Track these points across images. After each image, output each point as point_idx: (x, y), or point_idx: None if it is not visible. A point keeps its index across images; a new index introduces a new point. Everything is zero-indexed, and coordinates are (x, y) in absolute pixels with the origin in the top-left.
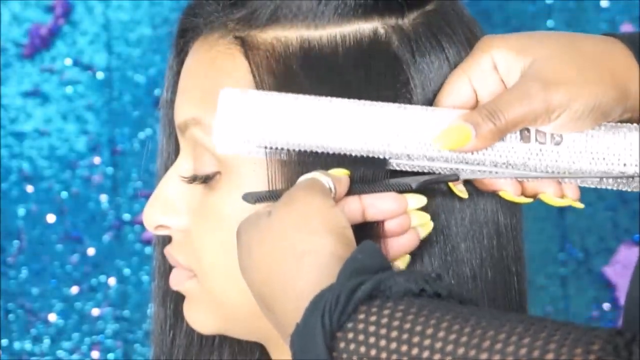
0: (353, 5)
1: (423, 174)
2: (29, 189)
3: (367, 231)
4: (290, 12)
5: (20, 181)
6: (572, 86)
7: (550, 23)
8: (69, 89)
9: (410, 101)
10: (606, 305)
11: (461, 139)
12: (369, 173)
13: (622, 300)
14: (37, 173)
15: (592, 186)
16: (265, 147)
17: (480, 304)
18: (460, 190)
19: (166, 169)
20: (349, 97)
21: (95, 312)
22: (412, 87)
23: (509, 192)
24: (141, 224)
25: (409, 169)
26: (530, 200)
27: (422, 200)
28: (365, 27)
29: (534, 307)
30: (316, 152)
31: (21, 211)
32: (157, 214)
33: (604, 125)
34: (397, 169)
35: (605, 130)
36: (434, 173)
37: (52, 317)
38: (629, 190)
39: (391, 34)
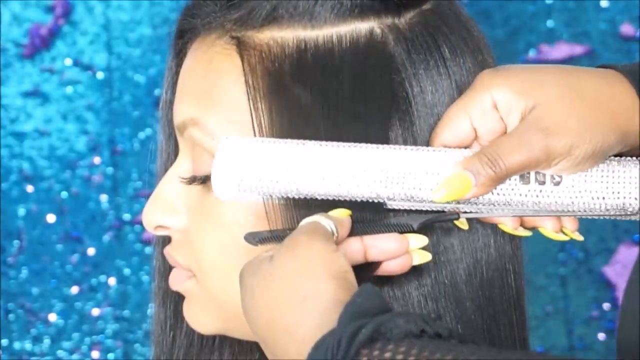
0: (349, 5)
1: (422, 212)
2: (29, 189)
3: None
4: (287, 12)
5: (20, 181)
6: (573, 135)
7: (550, 23)
8: (69, 89)
9: (406, 100)
10: (606, 305)
11: (462, 189)
12: (369, 213)
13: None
14: (37, 173)
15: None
16: (264, 195)
17: (479, 305)
18: (461, 222)
19: (166, 169)
20: (346, 98)
21: (95, 312)
22: (408, 86)
23: (508, 225)
24: (141, 224)
25: (408, 208)
26: (529, 233)
27: (423, 240)
28: (361, 27)
29: (534, 307)
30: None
31: (21, 211)
32: (156, 215)
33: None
34: (397, 208)
35: (604, 168)
36: (433, 211)
37: (52, 317)
38: (625, 219)
39: (387, 34)
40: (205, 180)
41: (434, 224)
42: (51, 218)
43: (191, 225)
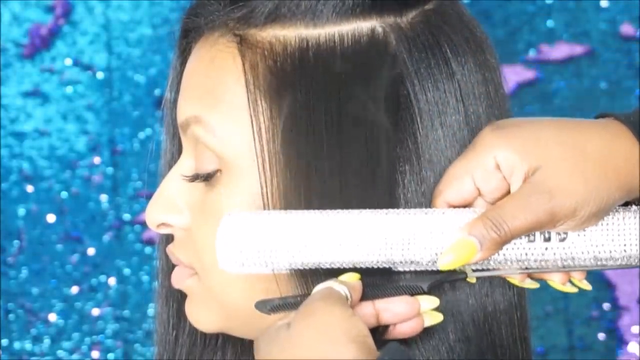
0: (351, 4)
1: (431, 271)
2: (29, 189)
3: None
4: (289, 11)
5: (20, 181)
6: (578, 197)
7: (550, 23)
8: (69, 89)
9: (407, 98)
10: (606, 305)
11: (468, 255)
12: (379, 276)
13: (622, 300)
14: (37, 173)
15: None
16: (269, 267)
17: (477, 303)
18: (469, 278)
19: (169, 168)
20: (348, 97)
21: (95, 312)
22: (410, 85)
23: (515, 278)
24: (141, 223)
25: (415, 269)
26: (536, 285)
27: (434, 301)
28: (363, 25)
29: (534, 307)
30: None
31: (21, 211)
32: (159, 213)
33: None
34: (403, 270)
35: (609, 221)
36: (441, 271)
37: (52, 317)
38: (634, 268)
39: (389, 33)
40: (207, 177)
41: (443, 284)
42: (51, 218)
43: (193, 223)
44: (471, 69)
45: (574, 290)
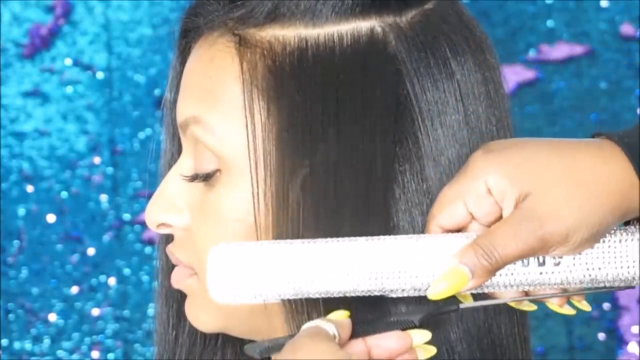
0: (351, 4)
1: (424, 299)
2: (29, 189)
3: None
4: (289, 10)
5: (20, 181)
6: (569, 223)
7: (550, 23)
8: (69, 89)
9: (406, 99)
10: (606, 305)
11: (459, 284)
12: (369, 309)
13: (622, 300)
14: (37, 173)
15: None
16: (259, 299)
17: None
18: (463, 295)
19: (169, 168)
20: (347, 97)
21: (95, 312)
22: (409, 85)
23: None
24: (141, 223)
25: (406, 295)
26: (534, 307)
27: (426, 335)
28: (362, 25)
29: None
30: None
31: (21, 211)
32: (159, 213)
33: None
34: (394, 296)
35: (603, 245)
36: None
37: (52, 317)
38: (633, 288)
39: (388, 32)
40: (206, 177)
41: (435, 317)
42: (51, 218)
43: (193, 223)
44: (471, 68)
45: (573, 312)
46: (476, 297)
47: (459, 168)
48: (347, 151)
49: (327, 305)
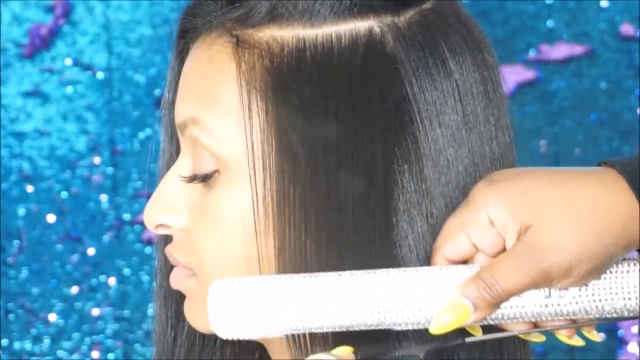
0: (349, 4)
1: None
2: (29, 189)
3: None
4: (287, 11)
5: (20, 181)
6: (571, 255)
7: (550, 23)
8: (69, 89)
9: (405, 99)
10: None
11: (461, 318)
12: (373, 343)
13: None
14: (37, 173)
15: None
16: (261, 334)
17: None
18: (473, 327)
19: (168, 169)
20: (344, 97)
21: (95, 312)
22: (408, 85)
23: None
24: (141, 224)
25: (410, 328)
26: (543, 338)
27: None
28: (360, 25)
29: None
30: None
31: (21, 211)
32: (157, 214)
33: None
34: (399, 329)
35: (610, 275)
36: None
37: (52, 317)
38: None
39: (387, 33)
40: (205, 178)
41: (440, 351)
42: (51, 218)
43: (191, 223)
44: (469, 68)
45: (582, 343)
46: (485, 328)
47: (457, 169)
48: (348, 152)
49: (331, 339)
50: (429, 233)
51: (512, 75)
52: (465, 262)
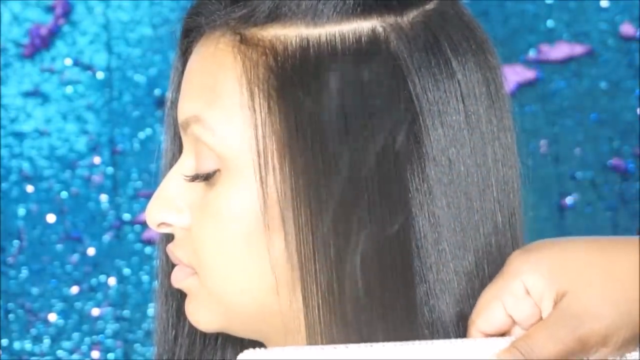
0: (352, 4)
1: None
2: (29, 189)
3: None
4: (290, 10)
5: (20, 181)
6: (608, 323)
7: (550, 23)
8: (69, 89)
9: (408, 98)
10: None
11: None
12: None
13: None
14: (37, 173)
15: None
16: None
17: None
18: None
19: (170, 168)
20: (347, 96)
21: (95, 312)
22: (411, 85)
23: None
24: (141, 223)
25: None
26: None
27: None
28: (364, 25)
29: None
30: None
31: (21, 211)
32: (159, 212)
33: None
34: None
35: None
36: None
37: (52, 317)
38: None
39: (390, 33)
40: (207, 177)
41: None
42: (51, 218)
43: (193, 222)
44: (471, 68)
45: None
46: None
47: (459, 169)
48: (350, 152)
49: None
50: (430, 232)
51: (512, 75)
52: (501, 335)
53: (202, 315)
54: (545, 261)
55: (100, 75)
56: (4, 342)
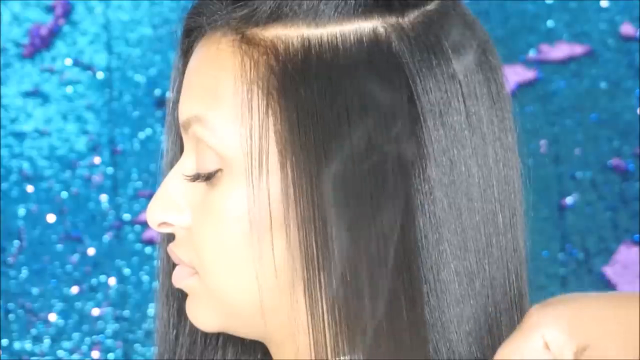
0: (353, 4)
1: None
2: (29, 189)
3: None
4: (291, 10)
5: (20, 181)
6: None
7: (550, 23)
8: (69, 89)
9: (410, 98)
10: None
11: None
12: None
13: None
14: (37, 173)
15: None
16: None
17: (483, 304)
18: None
19: (171, 168)
20: (349, 96)
21: (95, 312)
22: (412, 85)
23: None
24: (141, 223)
25: None
26: None
27: None
28: (365, 25)
29: None
30: None
31: (21, 211)
32: (160, 212)
33: None
34: None
35: None
36: None
37: (52, 317)
38: None
39: (391, 33)
40: (208, 177)
41: None
42: (51, 218)
43: (194, 222)
44: (473, 69)
45: None
46: None
47: (460, 170)
48: (351, 153)
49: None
50: (431, 233)
51: (512, 75)
52: None
53: (203, 315)
54: (565, 315)
55: (100, 75)
56: (4, 342)
